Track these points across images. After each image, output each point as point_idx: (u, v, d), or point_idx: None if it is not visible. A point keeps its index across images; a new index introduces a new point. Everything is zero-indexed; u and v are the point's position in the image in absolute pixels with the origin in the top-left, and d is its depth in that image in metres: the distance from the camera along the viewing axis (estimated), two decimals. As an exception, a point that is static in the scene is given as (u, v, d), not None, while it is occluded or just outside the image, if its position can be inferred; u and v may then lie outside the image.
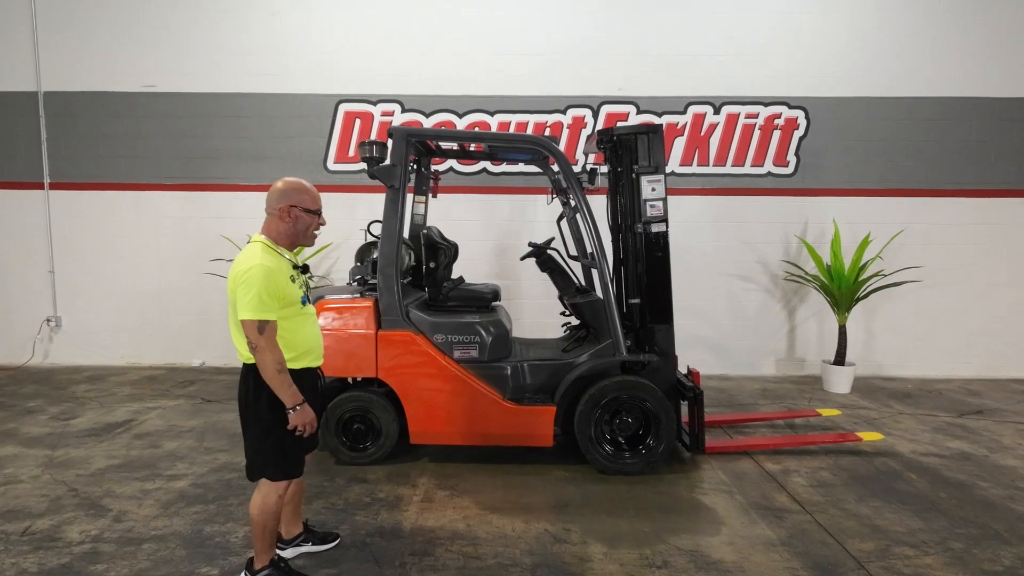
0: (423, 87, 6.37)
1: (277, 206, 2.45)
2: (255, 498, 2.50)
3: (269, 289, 2.30)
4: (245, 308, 2.28)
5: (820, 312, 6.48)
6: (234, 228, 6.33)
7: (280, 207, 2.44)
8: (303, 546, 2.89)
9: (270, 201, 2.47)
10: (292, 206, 2.45)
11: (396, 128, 3.88)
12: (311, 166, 6.44)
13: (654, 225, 3.97)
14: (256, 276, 2.28)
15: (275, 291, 2.33)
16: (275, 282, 2.33)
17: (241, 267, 2.33)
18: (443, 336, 3.88)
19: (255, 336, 2.28)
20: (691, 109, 6.38)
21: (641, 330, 4.08)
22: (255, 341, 2.29)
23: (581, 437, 3.81)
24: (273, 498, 2.48)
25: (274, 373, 2.32)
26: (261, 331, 2.28)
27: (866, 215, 6.32)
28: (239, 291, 2.30)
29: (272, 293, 2.31)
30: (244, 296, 2.28)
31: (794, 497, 3.53)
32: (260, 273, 2.29)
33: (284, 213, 2.44)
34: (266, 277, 2.30)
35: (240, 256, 2.39)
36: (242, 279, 2.30)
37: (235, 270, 2.35)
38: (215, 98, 6.36)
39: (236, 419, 4.60)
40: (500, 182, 6.45)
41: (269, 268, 2.32)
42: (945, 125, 6.33)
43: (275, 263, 2.38)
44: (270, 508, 2.48)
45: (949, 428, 4.80)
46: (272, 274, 2.32)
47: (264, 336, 2.29)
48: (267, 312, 2.30)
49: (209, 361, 6.64)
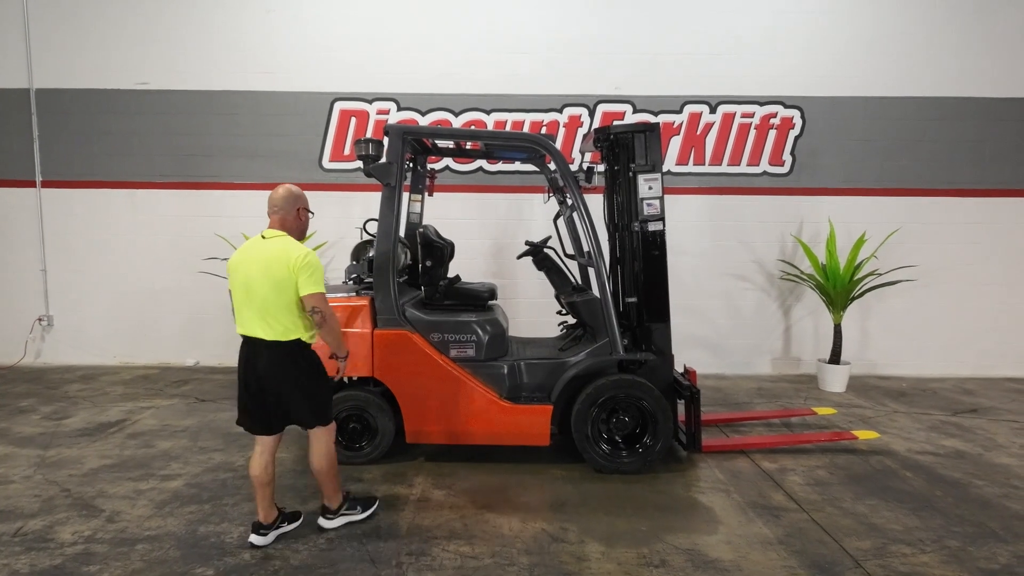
0: (419, 85, 6.35)
1: (295, 207, 2.92)
2: (316, 450, 2.98)
3: (319, 268, 2.83)
4: (313, 283, 2.77)
5: (816, 311, 6.49)
6: (228, 226, 6.30)
7: (298, 207, 2.94)
8: (283, 527, 3.04)
9: (285, 204, 2.89)
10: (304, 208, 2.97)
11: (392, 126, 3.86)
12: (306, 164, 6.41)
13: (651, 224, 3.96)
14: (314, 259, 2.81)
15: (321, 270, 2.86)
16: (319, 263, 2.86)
17: (294, 254, 2.77)
18: (439, 335, 3.87)
19: (324, 305, 2.81)
20: (687, 108, 6.38)
21: (638, 329, 4.07)
22: (324, 309, 2.80)
23: (578, 436, 3.80)
24: (332, 445, 3.01)
25: (340, 331, 2.94)
26: (325, 301, 2.82)
27: (862, 214, 6.34)
28: (302, 273, 2.75)
29: (320, 271, 2.83)
30: (310, 277, 2.77)
31: (791, 496, 3.53)
32: (314, 257, 2.82)
33: (301, 213, 2.95)
34: (317, 260, 2.83)
35: (277, 248, 2.79)
36: (303, 263, 2.76)
37: (288, 257, 2.76)
38: (209, 95, 6.32)
39: (230, 419, 4.66)
40: (497, 181, 6.43)
41: (314, 254, 2.83)
42: (941, 125, 6.35)
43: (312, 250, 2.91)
44: (333, 452, 3.02)
45: (944, 426, 4.82)
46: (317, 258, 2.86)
47: (328, 305, 2.84)
48: (323, 286, 2.84)
49: (203, 360, 6.60)
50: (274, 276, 2.74)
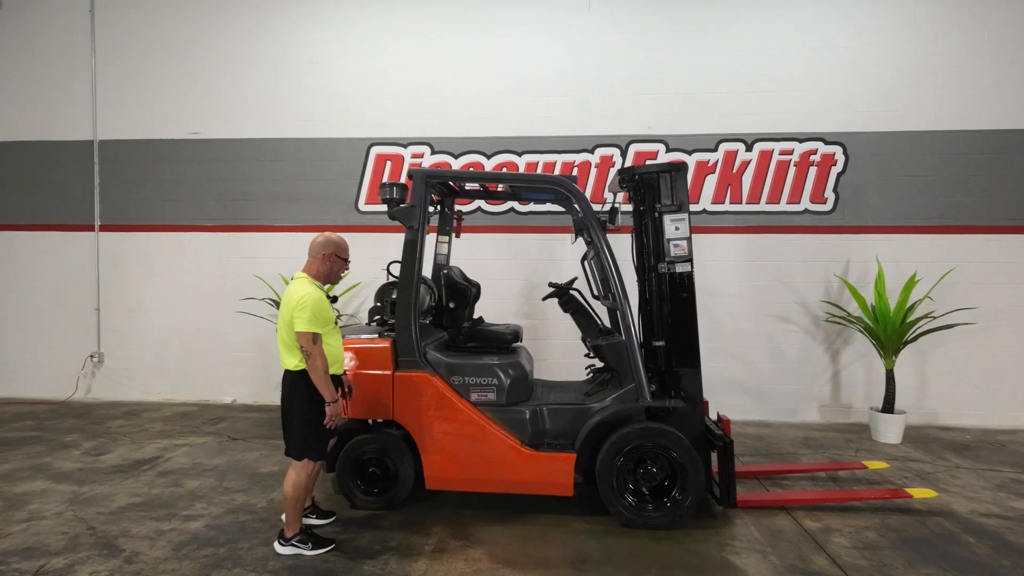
0: (452, 129, 6.49)
1: (321, 252, 3.26)
2: (289, 478, 3.21)
3: (318, 310, 3.08)
4: (302, 323, 3.03)
5: (867, 356, 6.12)
6: (267, 267, 6.50)
7: (324, 253, 3.26)
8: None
9: (315, 249, 3.27)
10: (333, 254, 3.28)
11: (415, 170, 3.92)
12: (343, 207, 6.59)
13: (678, 265, 3.84)
14: (310, 300, 3.06)
15: (322, 312, 3.11)
16: (322, 306, 3.12)
17: (296, 295, 3.10)
18: (460, 378, 3.80)
19: (309, 345, 3.04)
20: (722, 147, 6.27)
21: (666, 374, 3.90)
22: (309, 349, 3.04)
23: (603, 487, 3.63)
24: (304, 477, 3.22)
25: (321, 374, 3.08)
26: (314, 341, 3.05)
27: (912, 254, 6.01)
28: (296, 312, 3.05)
29: (319, 314, 3.09)
30: (301, 315, 3.04)
31: (834, 560, 3.24)
32: (313, 299, 3.07)
33: (327, 259, 3.27)
34: (318, 301, 3.09)
35: (292, 288, 3.16)
36: (299, 303, 3.05)
37: (290, 297, 3.12)
38: (252, 143, 6.63)
39: (258, 459, 4.69)
40: (528, 221, 6.44)
41: (318, 295, 3.13)
42: (995, 159, 6.01)
43: (320, 292, 3.19)
44: (302, 485, 3.22)
45: (1014, 485, 4.38)
46: (320, 300, 3.13)
47: (316, 345, 3.06)
48: (317, 326, 3.06)
49: (240, 398, 6.73)
50: (283, 313, 3.16)
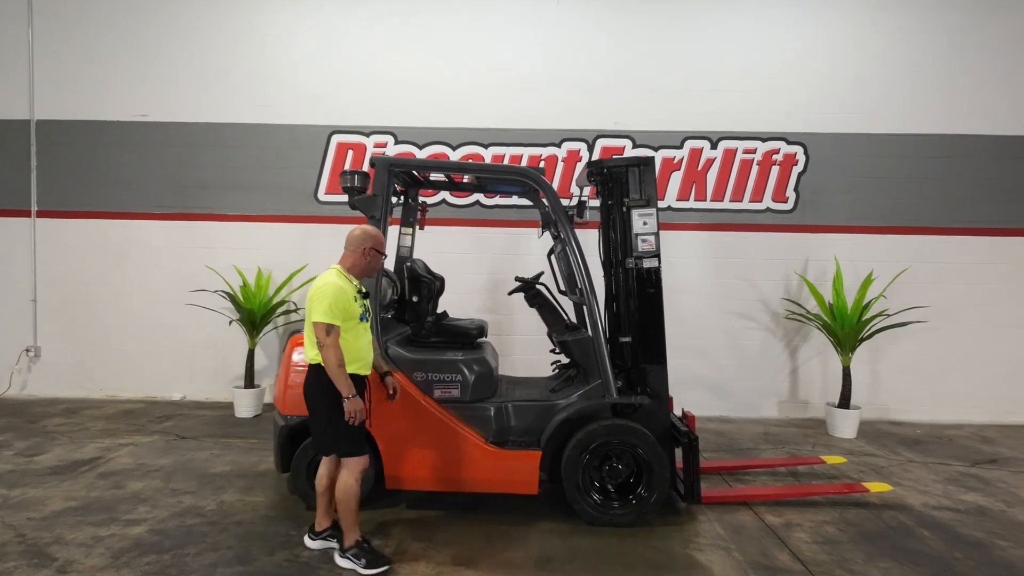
0: (417, 119, 6.32)
1: (361, 246, 3.10)
2: (339, 482, 3.01)
3: (337, 302, 2.91)
4: (318, 313, 2.88)
5: (823, 352, 6.25)
6: (221, 258, 6.22)
7: (364, 247, 3.10)
8: (330, 541, 3.18)
9: (353, 241, 3.10)
10: (372, 248, 3.11)
11: (378, 158, 3.76)
12: (302, 197, 6.35)
13: (646, 260, 3.80)
14: (330, 291, 2.91)
15: (341, 304, 2.93)
16: (343, 298, 2.94)
17: (318, 283, 2.97)
18: (422, 374, 3.68)
19: (323, 336, 2.88)
20: (688, 144, 6.29)
21: (633, 370, 3.86)
22: (322, 340, 2.88)
23: (568, 485, 3.57)
24: (352, 480, 2.98)
25: (335, 367, 2.87)
26: (328, 332, 2.88)
27: (868, 253, 6.15)
28: (314, 301, 2.91)
29: (338, 305, 2.91)
30: (319, 305, 2.89)
31: (796, 555, 3.26)
32: (333, 289, 2.92)
33: (367, 252, 3.10)
34: (337, 292, 2.92)
35: (318, 277, 3.03)
36: (318, 293, 2.92)
37: (313, 286, 2.99)
38: (206, 128, 6.31)
39: (208, 458, 4.50)
40: (494, 215, 6.33)
41: (340, 286, 2.95)
42: (950, 162, 6.21)
43: (345, 284, 3.00)
44: (351, 490, 2.99)
45: (963, 479, 4.52)
46: (341, 291, 2.94)
47: (330, 337, 2.88)
48: (334, 318, 2.90)
49: (191, 395, 6.43)
50: (307, 303, 3.01)
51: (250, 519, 3.55)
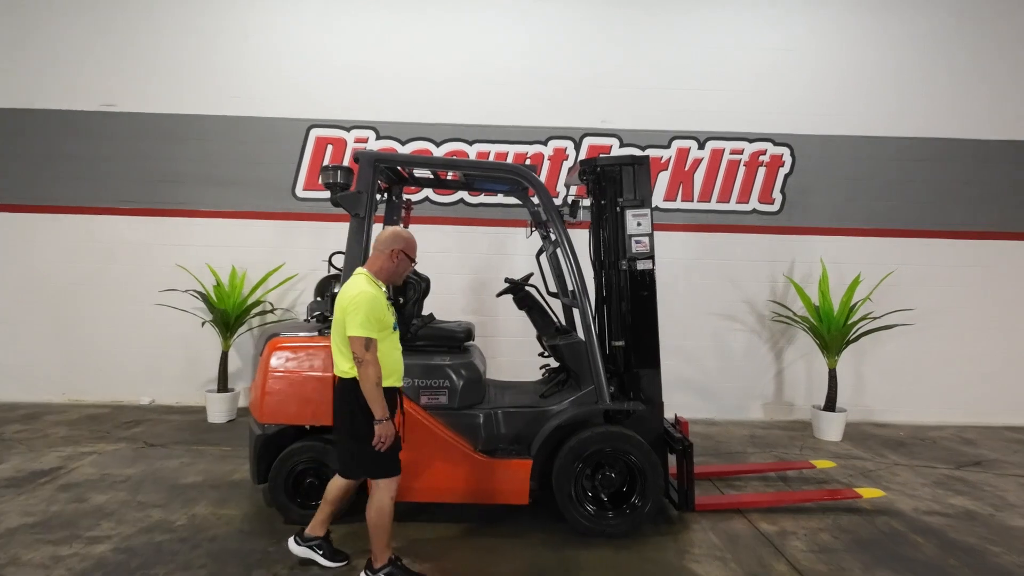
0: (399, 114, 6.13)
1: (389, 248, 2.87)
2: (372, 504, 2.79)
3: (372, 312, 2.68)
4: (354, 326, 2.65)
5: (808, 354, 6.24)
6: (194, 256, 5.96)
7: (392, 249, 2.87)
8: (316, 552, 3.00)
9: (380, 244, 2.89)
10: (401, 251, 2.88)
11: (363, 152, 3.58)
12: (279, 192, 6.11)
13: (640, 262, 3.70)
14: (364, 300, 2.68)
15: (377, 314, 2.70)
16: (377, 307, 2.72)
17: (350, 293, 2.73)
18: (408, 380, 3.51)
19: (361, 351, 2.64)
20: (675, 143, 6.22)
21: (625, 375, 3.76)
22: (361, 356, 2.64)
23: (560, 495, 3.44)
24: (387, 500, 2.79)
25: (372, 386, 2.66)
26: (367, 347, 2.65)
27: (854, 255, 6.16)
28: (349, 312, 2.68)
29: (374, 315, 2.68)
30: (354, 317, 2.65)
31: (794, 565, 3.18)
32: (367, 298, 2.69)
33: (394, 255, 2.87)
34: (371, 302, 2.69)
35: (347, 284, 2.82)
36: (353, 303, 2.68)
37: (343, 295, 2.76)
38: (178, 119, 6.03)
39: (179, 468, 4.26)
40: (478, 213, 6.17)
41: (373, 295, 2.72)
42: (934, 165, 6.25)
43: (377, 292, 2.78)
44: (385, 509, 2.78)
45: (949, 482, 4.53)
46: (376, 300, 2.72)
47: (369, 352, 2.65)
48: (371, 331, 2.67)
49: (160, 399, 6.15)
50: (336, 312, 2.78)
51: (224, 534, 3.35)
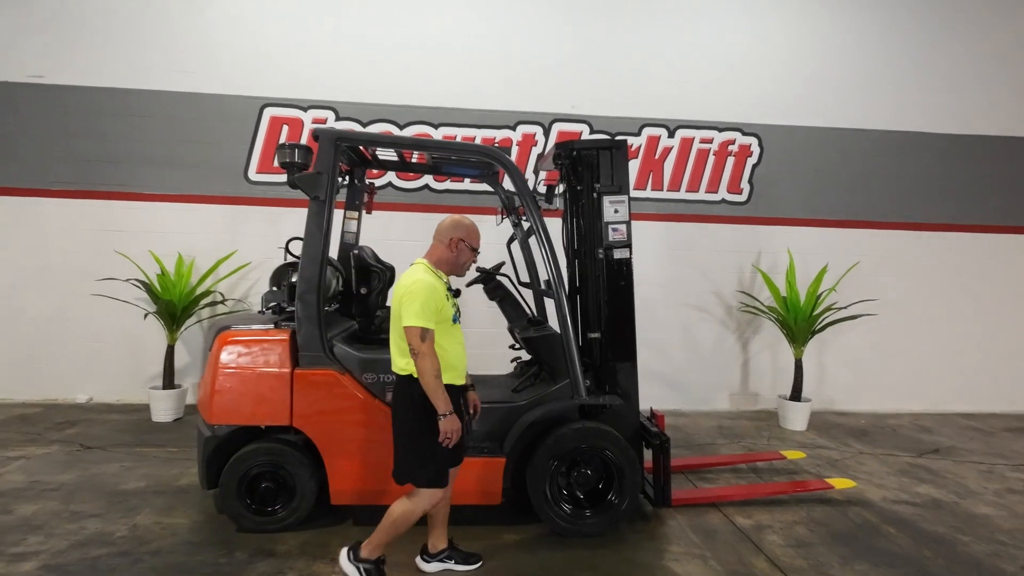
0: (361, 94, 5.82)
1: (448, 236, 2.71)
2: (404, 502, 2.64)
3: (430, 302, 2.53)
4: (410, 316, 2.50)
5: (773, 344, 6.28)
6: (134, 243, 5.52)
7: (451, 238, 2.71)
8: (447, 563, 2.93)
9: (440, 231, 2.74)
10: (461, 239, 2.72)
11: (323, 129, 3.31)
12: (230, 175, 5.73)
13: (617, 251, 3.56)
14: (420, 289, 2.52)
15: (434, 304, 2.54)
16: (435, 297, 2.56)
17: (407, 281, 2.58)
18: (373, 375, 3.28)
19: (417, 343, 2.49)
20: (645, 131, 6.12)
21: (601, 368, 3.63)
22: (417, 347, 2.49)
23: (535, 494, 3.29)
24: (420, 509, 2.64)
25: (432, 378, 2.51)
26: (423, 338, 2.49)
27: (820, 246, 6.21)
28: (404, 301, 2.53)
29: (431, 305, 2.52)
30: (409, 306, 2.51)
31: (773, 561, 3.12)
32: (424, 287, 2.53)
33: (453, 244, 2.71)
34: (429, 291, 2.54)
35: (405, 274, 2.65)
36: (408, 292, 2.53)
37: (400, 284, 2.60)
38: (116, 94, 5.56)
39: (119, 472, 3.94)
40: (444, 200, 5.93)
41: (431, 284, 2.57)
42: (899, 158, 6.34)
43: (435, 281, 2.62)
44: (412, 518, 2.65)
45: (913, 470, 4.59)
46: (434, 289, 2.56)
47: (425, 343, 2.50)
48: (428, 321, 2.51)
49: (98, 396, 5.71)
50: (392, 305, 2.64)
51: (170, 546, 3.06)
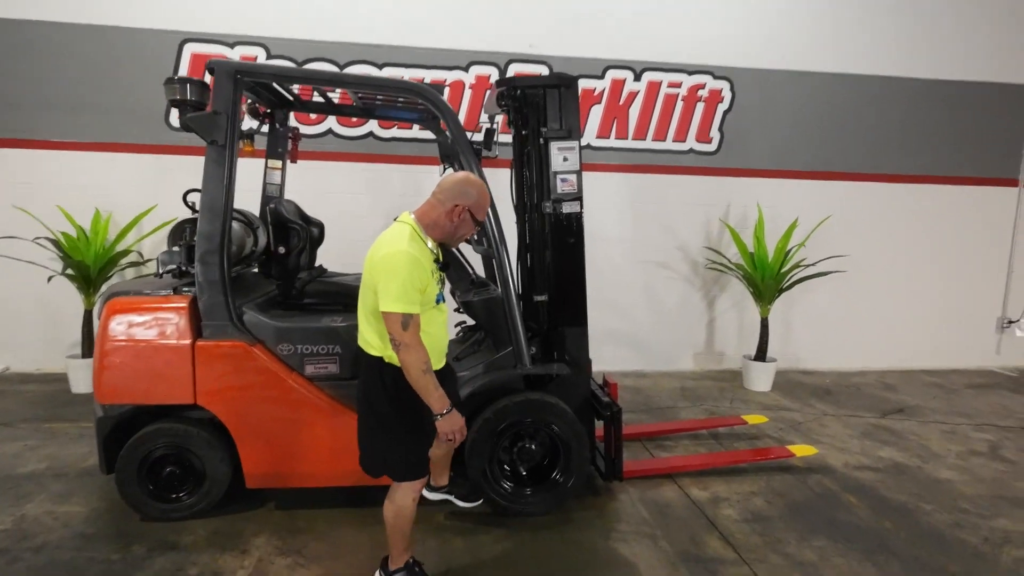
0: (295, 29, 5.21)
1: (452, 202, 2.21)
2: (389, 505, 2.33)
3: (414, 280, 2.06)
4: (388, 298, 2.05)
5: (740, 302, 6.04)
6: (38, 197, 4.96)
7: (456, 205, 2.21)
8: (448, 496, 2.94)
9: (443, 190, 2.23)
10: (465, 209, 2.22)
11: (219, 62, 2.82)
12: (148, 121, 5.14)
13: (566, 204, 3.19)
14: (401, 264, 2.05)
15: (419, 283, 2.08)
16: (420, 275, 2.09)
17: (384, 251, 2.09)
18: (290, 346, 2.92)
19: (398, 331, 2.05)
20: (609, 74, 5.65)
21: (549, 334, 3.31)
22: (399, 337, 2.06)
23: (473, 472, 3.01)
24: (408, 502, 2.33)
25: (419, 374, 2.10)
26: (405, 326, 2.05)
27: (791, 199, 5.89)
28: (380, 278, 2.07)
29: (415, 284, 2.06)
30: (387, 284, 2.05)
31: (727, 539, 2.91)
32: (406, 260, 2.05)
33: (456, 213, 2.21)
34: (411, 266, 2.06)
35: (384, 237, 2.16)
36: (385, 264, 2.07)
37: (376, 252, 2.12)
38: (7, 26, 4.88)
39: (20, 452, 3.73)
40: (391, 149, 5.44)
41: (414, 257, 2.08)
42: (873, 106, 5.98)
43: (421, 252, 2.13)
44: (406, 512, 2.33)
45: (876, 432, 4.44)
46: (418, 264, 2.08)
47: (408, 332, 2.05)
48: (411, 304, 2.06)
49: (16, 366, 5.24)
50: (365, 273, 2.17)
51: (57, 541, 2.72)
